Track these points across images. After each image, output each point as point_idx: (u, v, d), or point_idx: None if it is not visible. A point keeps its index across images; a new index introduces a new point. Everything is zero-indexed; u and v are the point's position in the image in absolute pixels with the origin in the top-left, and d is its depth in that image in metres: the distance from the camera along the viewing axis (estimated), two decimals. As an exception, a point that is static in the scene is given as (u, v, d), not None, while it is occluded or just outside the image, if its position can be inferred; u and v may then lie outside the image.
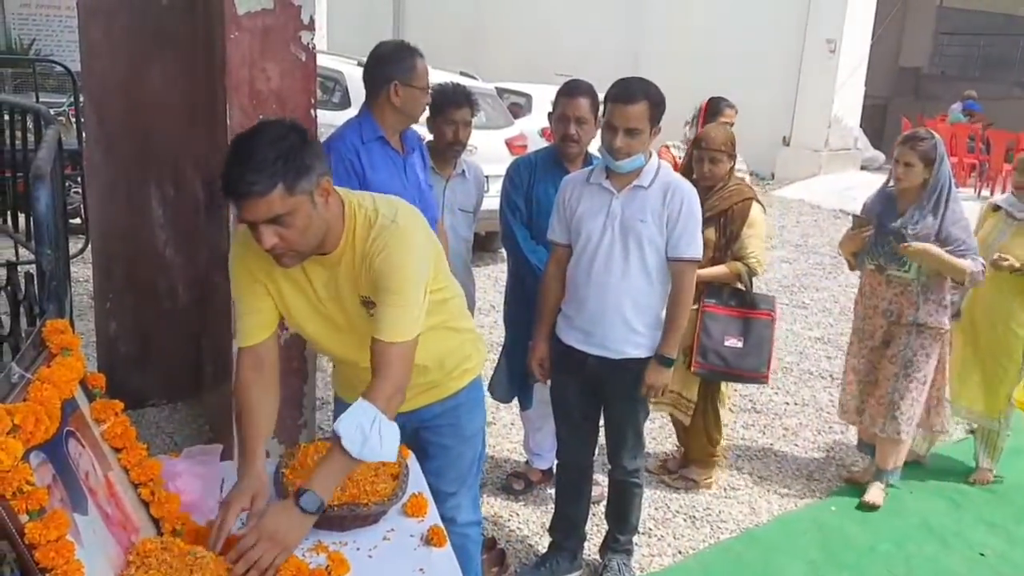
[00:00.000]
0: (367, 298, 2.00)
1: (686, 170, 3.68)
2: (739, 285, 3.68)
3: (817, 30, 12.92)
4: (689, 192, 2.86)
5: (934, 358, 3.73)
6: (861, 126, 13.76)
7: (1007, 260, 3.75)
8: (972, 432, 4.72)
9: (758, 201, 3.66)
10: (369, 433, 1.83)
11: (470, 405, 2.42)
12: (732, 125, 4.43)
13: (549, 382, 3.13)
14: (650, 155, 2.87)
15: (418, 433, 2.39)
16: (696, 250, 2.87)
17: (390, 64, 2.82)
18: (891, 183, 3.73)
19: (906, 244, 3.53)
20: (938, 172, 3.56)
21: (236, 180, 1.76)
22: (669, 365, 2.91)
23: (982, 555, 3.56)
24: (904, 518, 3.81)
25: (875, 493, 3.87)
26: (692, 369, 3.64)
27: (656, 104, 2.73)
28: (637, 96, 2.70)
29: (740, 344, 3.62)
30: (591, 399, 3.05)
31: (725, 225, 3.59)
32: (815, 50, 12.96)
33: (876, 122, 15.47)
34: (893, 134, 14.63)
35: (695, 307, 3.51)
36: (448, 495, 2.42)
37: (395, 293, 1.93)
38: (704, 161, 3.60)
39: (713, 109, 4.66)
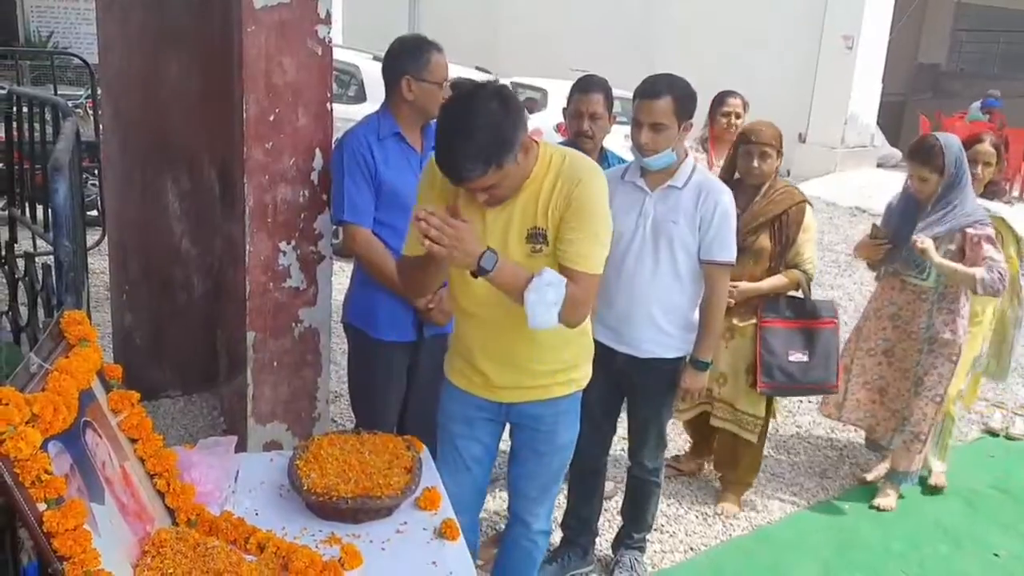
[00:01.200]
0: (537, 230, 2.12)
1: (730, 166, 3.56)
2: (797, 293, 3.53)
3: (834, 26, 12.83)
4: (724, 194, 2.82)
5: (948, 379, 3.63)
6: (878, 123, 13.68)
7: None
8: (989, 432, 4.71)
9: (810, 204, 3.51)
10: (548, 298, 2.01)
11: (570, 415, 2.43)
12: (739, 117, 4.35)
13: None
14: (685, 154, 2.85)
15: (514, 431, 2.46)
16: (730, 253, 2.83)
17: (402, 59, 2.81)
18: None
19: (915, 239, 3.44)
20: (950, 176, 3.44)
21: (454, 168, 1.97)
22: (704, 369, 2.92)
23: (996, 556, 3.54)
24: (918, 518, 3.79)
25: (886, 498, 3.83)
26: (758, 389, 3.49)
27: (682, 99, 2.70)
28: (661, 91, 2.68)
29: (805, 357, 3.49)
30: (614, 397, 3.03)
31: (780, 231, 3.42)
32: (832, 46, 12.88)
33: (893, 119, 15.36)
34: (910, 131, 14.54)
35: (752, 322, 3.48)
36: (530, 500, 2.51)
37: (589, 224, 2.10)
38: (752, 157, 3.40)
39: (717, 100, 4.39)
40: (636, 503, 3.18)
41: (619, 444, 4.23)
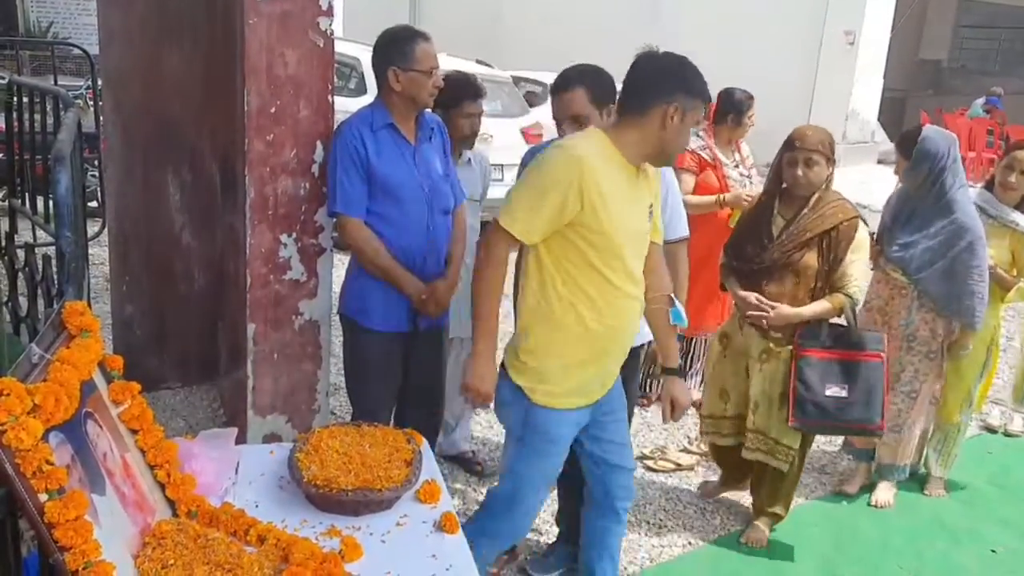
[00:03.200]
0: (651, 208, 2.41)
1: (776, 175, 3.26)
2: (840, 320, 3.23)
3: (836, 21, 12.80)
4: (667, 170, 2.76)
5: (924, 376, 3.60)
6: (879, 119, 13.66)
7: None
8: (987, 428, 4.71)
9: (864, 221, 3.19)
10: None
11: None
12: (751, 123, 4.37)
13: None
14: None
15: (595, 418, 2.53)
16: (685, 227, 2.85)
17: (388, 51, 2.82)
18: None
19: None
20: (922, 166, 3.35)
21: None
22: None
23: (994, 552, 3.55)
24: (916, 514, 3.80)
25: (883, 494, 3.83)
26: (789, 424, 3.22)
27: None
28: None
29: (844, 393, 3.16)
30: None
31: (828, 249, 3.11)
32: (834, 42, 12.85)
33: (894, 116, 15.34)
34: (911, 127, 14.52)
35: (789, 347, 3.20)
36: (629, 472, 2.69)
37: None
38: (798, 165, 3.11)
39: (726, 101, 4.33)
40: None
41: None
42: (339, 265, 3.25)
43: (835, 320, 3.22)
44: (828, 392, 3.15)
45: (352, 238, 2.83)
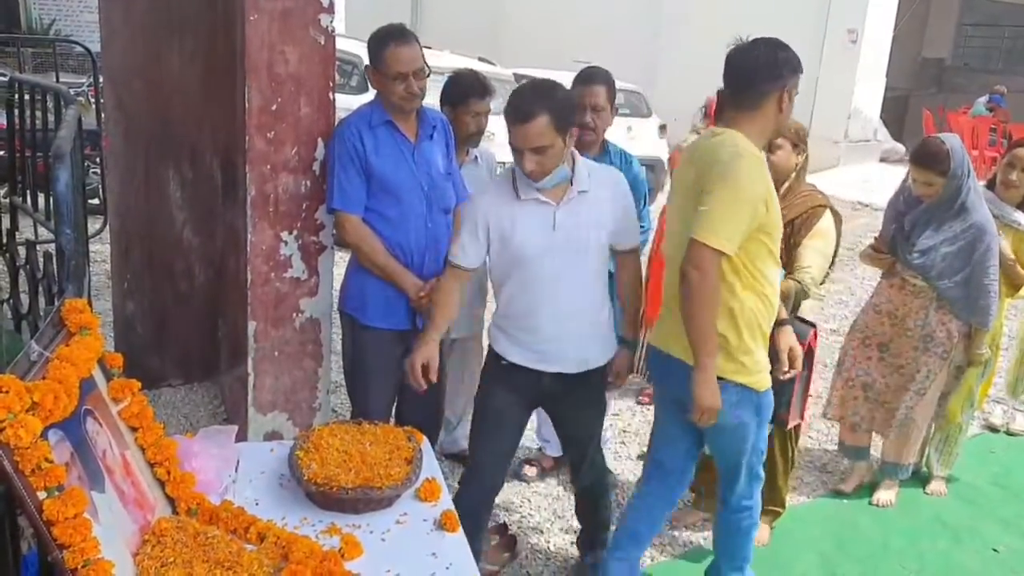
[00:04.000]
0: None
1: None
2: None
3: (838, 19, 12.79)
4: (621, 176, 2.72)
5: (936, 375, 3.56)
6: (882, 117, 13.65)
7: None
8: (990, 428, 4.70)
9: (833, 211, 3.13)
10: None
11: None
12: None
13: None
14: (573, 160, 2.59)
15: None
16: (638, 234, 2.80)
17: (369, 50, 2.84)
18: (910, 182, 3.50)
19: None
20: (953, 182, 3.30)
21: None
22: (633, 348, 2.81)
23: (995, 551, 3.54)
24: (917, 513, 3.79)
25: (885, 493, 3.81)
26: None
27: (558, 110, 2.41)
28: (534, 111, 2.38)
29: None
30: (525, 414, 2.85)
31: (790, 237, 3.05)
32: (836, 40, 12.84)
33: (897, 114, 15.34)
34: (914, 126, 14.50)
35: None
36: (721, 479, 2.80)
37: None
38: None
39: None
40: (593, 510, 3.07)
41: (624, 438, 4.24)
42: (340, 263, 3.25)
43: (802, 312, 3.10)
44: None
45: (350, 235, 2.83)
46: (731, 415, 2.49)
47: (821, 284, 3.16)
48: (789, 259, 3.05)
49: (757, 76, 2.39)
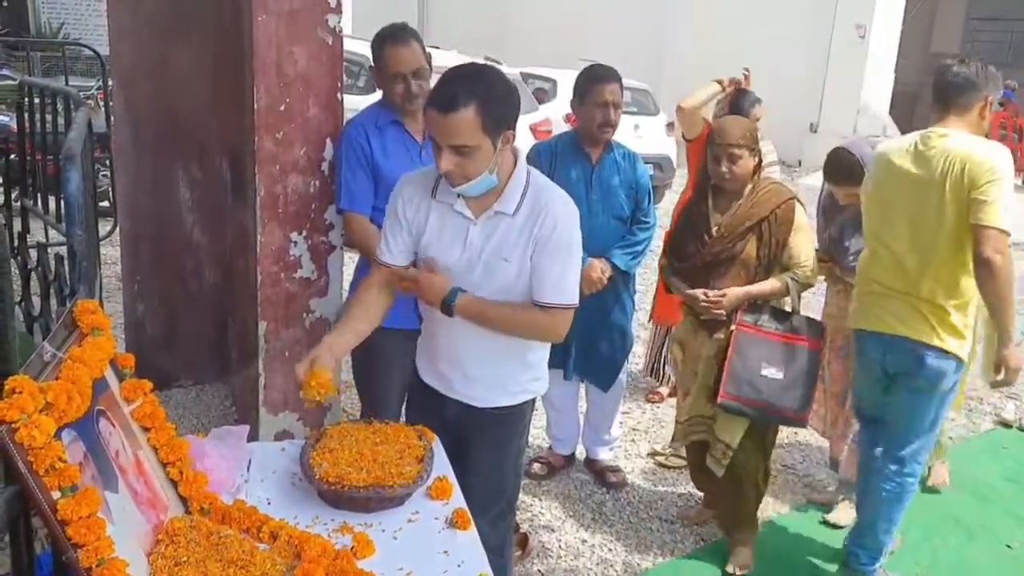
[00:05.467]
0: None
1: (705, 171, 3.15)
2: (785, 303, 3.13)
3: (847, 15, 12.75)
4: (565, 214, 2.12)
5: None
6: (890, 113, 13.59)
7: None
8: (1002, 423, 4.68)
9: (799, 201, 3.11)
10: None
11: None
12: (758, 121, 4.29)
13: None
14: (514, 162, 2.14)
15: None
16: (572, 295, 2.16)
17: (372, 50, 2.85)
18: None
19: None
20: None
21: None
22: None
23: (1008, 547, 3.53)
24: (930, 509, 3.77)
25: (843, 512, 3.59)
26: (718, 399, 3.02)
27: (490, 104, 1.97)
28: (459, 100, 1.93)
29: (780, 375, 3.02)
30: (454, 444, 2.36)
31: (768, 234, 3.04)
32: (844, 35, 12.80)
33: (905, 109, 15.26)
34: (922, 121, 14.41)
35: (720, 336, 3.08)
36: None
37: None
38: (721, 160, 3.01)
39: (735, 106, 4.24)
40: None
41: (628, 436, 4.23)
42: (349, 263, 3.25)
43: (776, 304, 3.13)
44: (764, 372, 3.02)
45: (358, 235, 2.84)
46: (947, 382, 2.88)
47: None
48: (771, 257, 3.04)
49: (967, 87, 2.82)
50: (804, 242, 3.08)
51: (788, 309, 3.12)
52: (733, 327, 3.05)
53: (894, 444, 3.02)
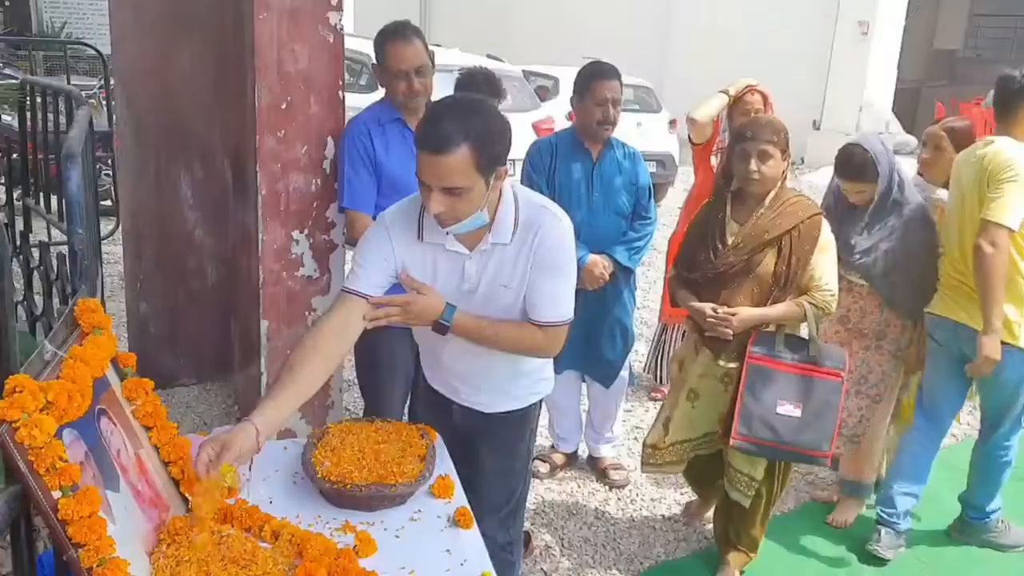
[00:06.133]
0: None
1: (727, 172, 2.93)
2: (802, 331, 2.90)
3: (849, 11, 12.72)
4: (557, 230, 2.06)
5: (892, 377, 3.34)
6: (893, 110, 13.55)
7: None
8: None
9: (826, 218, 2.89)
10: None
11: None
12: (757, 113, 4.20)
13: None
14: (499, 196, 2.04)
15: None
16: (567, 311, 2.14)
17: (374, 48, 2.85)
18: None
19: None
20: (884, 183, 3.14)
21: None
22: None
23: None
24: (934, 505, 3.75)
25: (844, 511, 3.55)
26: (731, 442, 2.84)
27: (483, 143, 1.87)
28: (452, 141, 1.83)
29: (798, 412, 2.78)
30: (463, 446, 2.38)
31: (789, 251, 2.78)
32: (847, 32, 12.77)
33: (909, 106, 15.21)
34: (926, 118, 14.36)
35: (733, 366, 2.88)
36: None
37: None
38: (750, 158, 2.75)
39: (737, 98, 4.08)
40: None
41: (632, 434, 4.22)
42: (350, 261, 3.25)
43: (790, 330, 2.90)
44: (780, 409, 2.78)
45: (360, 234, 2.82)
46: (1015, 374, 3.08)
47: None
48: (790, 275, 2.79)
49: (1018, 96, 3.05)
50: (827, 263, 2.82)
51: (805, 335, 2.88)
52: (739, 363, 2.84)
53: (986, 421, 3.34)
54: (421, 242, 2.08)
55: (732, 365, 2.90)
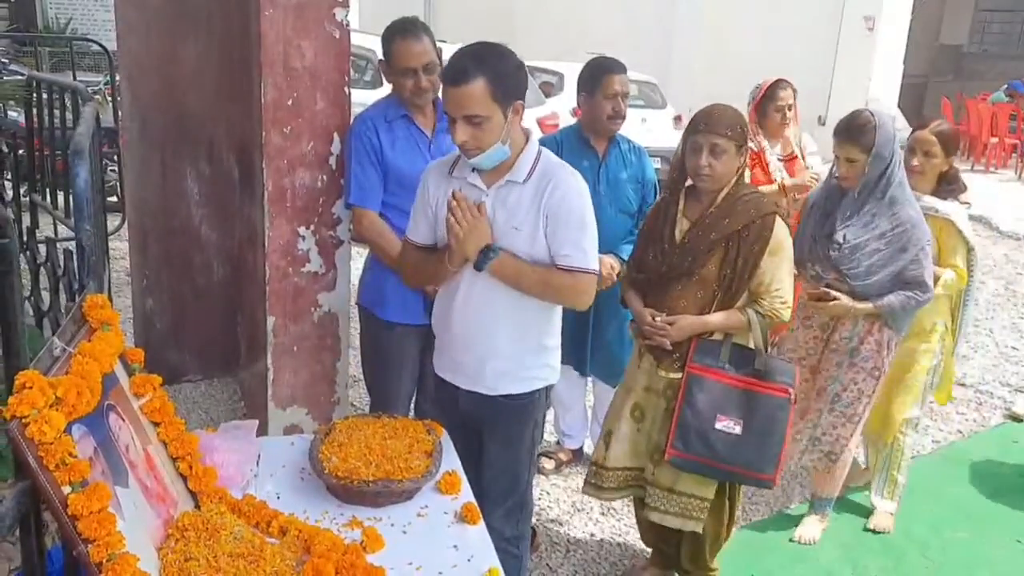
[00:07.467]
0: None
1: (681, 166, 2.65)
2: (749, 341, 2.63)
3: (855, 6, 12.68)
4: (573, 185, 2.22)
5: (868, 396, 3.13)
6: (899, 105, 13.51)
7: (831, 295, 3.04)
8: (1012, 417, 4.65)
9: (783, 218, 2.61)
10: None
11: None
12: (791, 109, 4.05)
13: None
14: (525, 138, 2.26)
15: None
16: (589, 260, 2.21)
17: (382, 44, 2.84)
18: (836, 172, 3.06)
19: (824, 295, 2.95)
20: (878, 162, 2.90)
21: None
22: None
23: (1019, 542, 3.51)
24: (940, 502, 3.76)
25: (810, 527, 3.42)
26: (666, 457, 2.61)
27: (499, 77, 2.10)
28: (469, 74, 2.08)
29: (738, 429, 2.56)
30: (470, 439, 2.43)
31: (736, 251, 2.55)
32: (853, 27, 12.72)
33: (915, 101, 15.19)
34: (932, 114, 14.34)
35: (676, 376, 2.65)
36: None
37: None
38: (701, 152, 2.52)
39: (768, 95, 4.03)
40: None
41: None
42: (357, 257, 3.25)
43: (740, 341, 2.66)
44: (719, 424, 2.57)
45: (367, 230, 2.83)
46: None
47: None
48: (735, 279, 2.56)
49: None
50: (777, 267, 2.56)
51: (752, 347, 2.63)
52: (680, 374, 2.64)
53: None
54: (450, 177, 2.30)
55: (675, 376, 2.67)
